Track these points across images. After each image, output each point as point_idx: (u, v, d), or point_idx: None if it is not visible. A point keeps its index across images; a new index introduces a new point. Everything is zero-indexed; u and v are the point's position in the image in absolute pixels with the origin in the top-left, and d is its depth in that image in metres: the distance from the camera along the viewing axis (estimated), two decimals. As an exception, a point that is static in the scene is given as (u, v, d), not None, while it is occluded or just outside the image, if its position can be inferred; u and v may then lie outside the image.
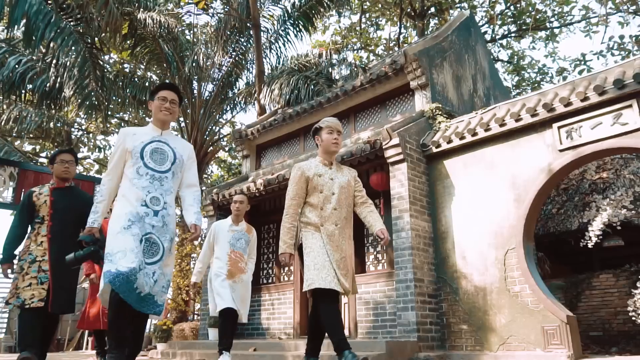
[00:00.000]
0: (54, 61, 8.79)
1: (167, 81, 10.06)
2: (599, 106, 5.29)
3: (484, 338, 5.60)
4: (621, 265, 8.06)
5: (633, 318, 5.42)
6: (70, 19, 8.81)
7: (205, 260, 5.18)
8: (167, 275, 3.07)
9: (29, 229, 4.13)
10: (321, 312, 3.27)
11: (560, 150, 5.48)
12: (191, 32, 13.75)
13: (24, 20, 7.89)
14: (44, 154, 17.15)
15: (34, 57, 9.66)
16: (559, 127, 5.53)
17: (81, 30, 9.03)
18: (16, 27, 8.21)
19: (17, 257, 4.08)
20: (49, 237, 4.00)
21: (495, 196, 5.90)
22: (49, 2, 8.08)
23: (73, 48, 8.55)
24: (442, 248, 6.24)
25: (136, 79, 13.53)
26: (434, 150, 6.49)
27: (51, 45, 8.42)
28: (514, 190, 5.75)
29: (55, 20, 7.99)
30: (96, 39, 9.92)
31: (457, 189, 6.28)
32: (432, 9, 17.10)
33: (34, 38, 7.78)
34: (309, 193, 3.54)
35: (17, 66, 9.65)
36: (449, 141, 6.35)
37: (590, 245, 5.79)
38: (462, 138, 6.24)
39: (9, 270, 4.00)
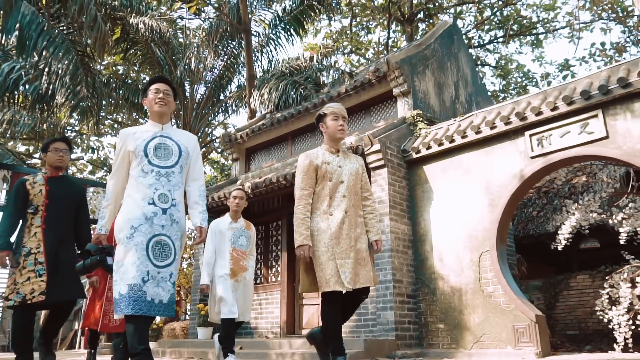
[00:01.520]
0: (47, 69, 8.99)
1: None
2: (567, 115, 5.56)
3: (459, 336, 5.86)
4: (598, 266, 8.33)
5: (601, 317, 5.68)
6: (62, 27, 9.01)
7: (212, 261, 4.98)
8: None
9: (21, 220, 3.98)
10: (322, 314, 3.25)
11: (532, 157, 5.75)
12: (183, 35, 13.96)
13: (18, 25, 8.10)
14: (37, 155, 17.31)
15: (27, 65, 9.86)
16: (531, 135, 5.80)
17: (73, 39, 9.22)
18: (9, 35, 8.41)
19: (12, 250, 3.92)
20: (43, 228, 3.85)
21: (471, 201, 6.15)
22: (41, 11, 8.25)
23: (65, 56, 8.75)
24: (420, 250, 6.49)
25: (129, 81, 13.75)
26: (414, 156, 6.74)
27: (43, 53, 8.59)
28: (488, 195, 6.01)
29: (47, 30, 8.18)
30: (88, 41, 10.09)
31: (436, 194, 6.54)
32: (421, 14, 17.36)
33: (27, 45, 7.96)
34: (317, 182, 3.41)
35: (10, 72, 9.86)
36: (428, 147, 6.60)
37: (560, 248, 6.06)
38: (440, 144, 6.50)
39: (7, 259, 3.83)
